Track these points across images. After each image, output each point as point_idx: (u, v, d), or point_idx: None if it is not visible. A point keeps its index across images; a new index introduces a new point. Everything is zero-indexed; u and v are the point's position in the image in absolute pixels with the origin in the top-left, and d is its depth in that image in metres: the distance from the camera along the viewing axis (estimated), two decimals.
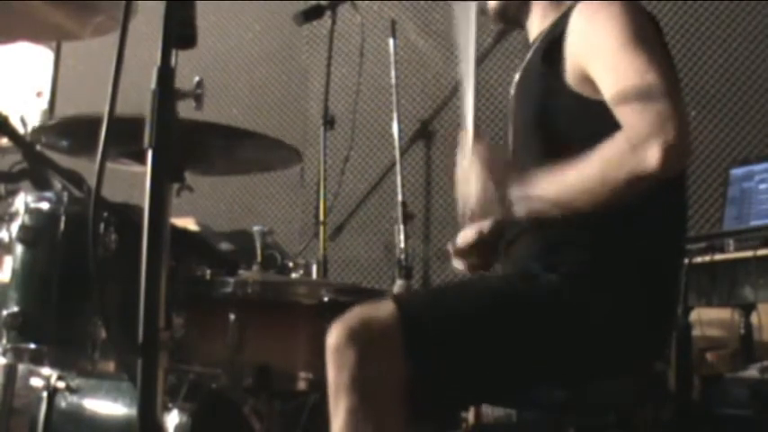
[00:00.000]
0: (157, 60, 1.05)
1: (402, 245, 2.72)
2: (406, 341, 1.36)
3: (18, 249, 1.80)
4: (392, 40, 3.01)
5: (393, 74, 2.99)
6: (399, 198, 2.85)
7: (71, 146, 1.87)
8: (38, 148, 1.86)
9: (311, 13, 2.91)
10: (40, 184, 1.93)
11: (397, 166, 2.90)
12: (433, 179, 3.61)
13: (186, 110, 1.15)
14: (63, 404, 1.96)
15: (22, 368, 2.05)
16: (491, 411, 2.55)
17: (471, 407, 2.49)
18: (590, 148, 1.36)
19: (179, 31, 1.08)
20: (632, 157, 1.29)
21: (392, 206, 3.01)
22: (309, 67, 4.03)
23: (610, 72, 1.40)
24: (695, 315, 2.47)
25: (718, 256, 2.37)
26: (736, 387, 2.26)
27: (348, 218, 3.25)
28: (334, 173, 3.06)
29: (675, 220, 1.57)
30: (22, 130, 1.98)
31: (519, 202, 1.40)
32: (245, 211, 4.11)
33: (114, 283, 1.70)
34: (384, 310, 1.39)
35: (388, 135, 3.04)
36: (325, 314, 1.78)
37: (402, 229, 2.78)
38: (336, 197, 3.06)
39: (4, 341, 1.75)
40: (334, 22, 2.96)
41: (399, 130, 2.94)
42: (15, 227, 1.79)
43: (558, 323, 1.44)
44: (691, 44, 3.18)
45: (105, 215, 1.72)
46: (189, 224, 3.03)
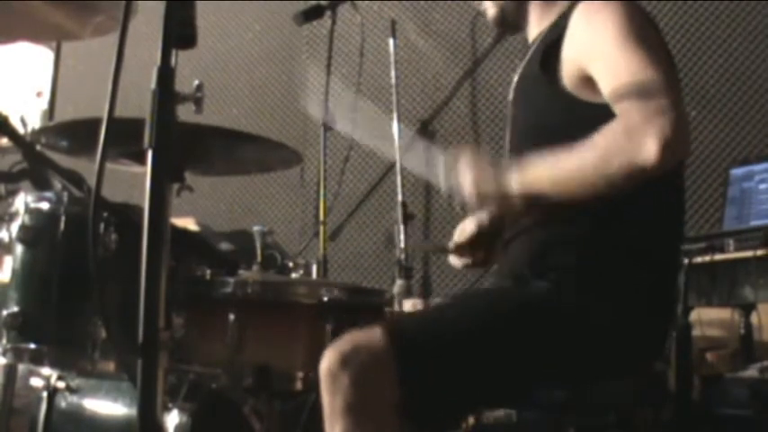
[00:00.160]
0: (157, 60, 1.05)
1: (402, 245, 2.72)
2: (399, 363, 1.35)
3: (18, 249, 1.80)
4: (392, 40, 3.02)
5: (393, 74, 2.99)
6: (399, 198, 2.85)
7: (71, 146, 1.87)
8: (38, 148, 1.86)
9: (311, 13, 2.91)
10: (40, 184, 1.93)
11: (397, 166, 2.90)
12: (432, 179, 3.60)
13: (186, 112, 1.15)
14: (63, 404, 1.95)
15: (22, 368, 2.04)
16: (491, 411, 2.55)
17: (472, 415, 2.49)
18: None
19: (179, 31, 1.08)
20: (628, 145, 1.28)
21: (392, 206, 3.01)
22: (309, 67, 4.03)
23: (609, 70, 1.40)
24: (695, 315, 2.47)
25: (718, 256, 2.37)
26: (736, 387, 2.26)
27: (348, 218, 3.26)
28: (334, 173, 3.06)
29: (673, 220, 1.57)
30: (22, 130, 1.98)
31: (514, 187, 1.38)
32: (245, 211, 4.11)
33: (114, 283, 1.70)
34: (375, 334, 1.38)
35: (388, 135, 3.04)
36: (325, 314, 1.78)
37: (402, 229, 2.78)
38: (336, 197, 3.07)
39: (4, 341, 1.75)
40: (334, 22, 2.96)
41: (399, 130, 2.94)
42: (15, 227, 1.79)
43: (555, 330, 1.44)
44: (691, 44, 3.17)
45: (105, 215, 1.72)
46: (189, 224, 3.03)
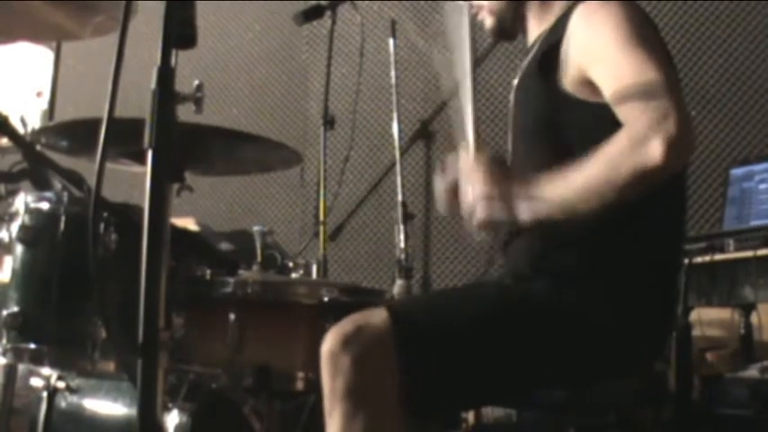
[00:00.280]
0: (157, 60, 1.05)
1: (402, 245, 2.72)
2: (400, 347, 1.36)
3: (18, 249, 1.80)
4: (392, 40, 3.01)
5: (393, 74, 2.99)
6: (399, 198, 2.85)
7: (71, 146, 1.87)
8: (38, 148, 1.86)
9: (311, 13, 2.91)
10: (40, 184, 1.93)
11: (397, 166, 2.90)
12: (432, 179, 3.60)
13: (186, 112, 1.15)
14: (63, 404, 1.95)
15: (22, 368, 2.04)
16: (491, 411, 2.55)
17: (471, 409, 2.49)
18: (590, 151, 1.35)
19: (179, 31, 1.08)
20: (635, 153, 1.28)
21: (392, 206, 3.01)
22: (309, 67, 4.03)
23: (610, 72, 1.40)
24: (695, 315, 2.47)
25: (718, 256, 2.37)
26: (736, 387, 2.26)
27: (348, 218, 3.25)
28: (334, 173, 3.06)
29: (675, 220, 1.57)
30: (22, 130, 1.98)
31: (524, 207, 1.37)
32: (245, 211, 4.11)
33: (114, 283, 1.70)
34: (378, 316, 1.39)
35: (388, 135, 3.04)
36: (325, 314, 1.78)
37: (402, 229, 2.78)
38: (336, 197, 3.06)
39: (4, 341, 1.75)
40: (334, 22, 2.96)
41: (399, 130, 2.94)
42: (15, 227, 1.79)
43: (556, 329, 1.44)
44: (691, 44, 3.17)
45: (105, 215, 1.72)
46: (189, 224, 3.02)
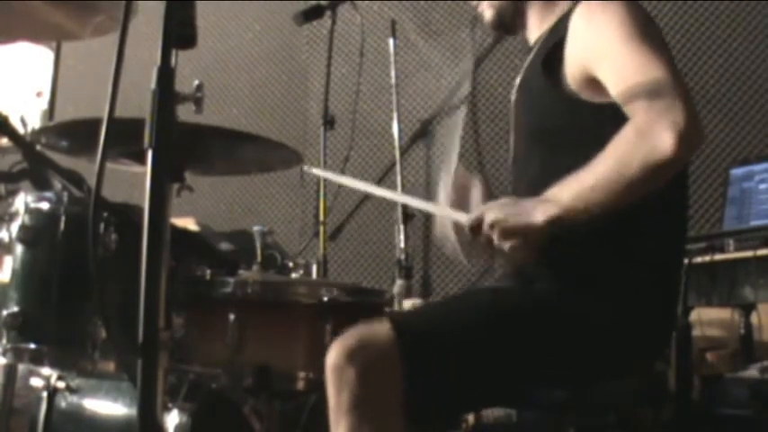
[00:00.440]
0: (157, 60, 1.05)
1: (402, 245, 2.72)
2: (405, 359, 1.35)
3: (18, 249, 1.80)
4: (392, 40, 3.02)
5: (393, 74, 2.99)
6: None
7: (71, 146, 1.87)
8: (38, 148, 1.86)
9: (311, 13, 2.91)
10: (40, 184, 1.93)
11: (397, 166, 2.91)
12: (433, 179, 3.60)
13: (186, 112, 1.15)
14: (63, 404, 1.95)
15: (22, 368, 2.04)
16: (491, 411, 2.55)
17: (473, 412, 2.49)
18: (593, 151, 1.35)
19: (179, 31, 1.08)
20: (644, 145, 1.29)
21: (392, 206, 3.01)
22: (309, 67, 4.03)
23: (615, 70, 1.40)
24: (695, 315, 2.47)
25: (718, 256, 2.37)
26: (736, 387, 2.25)
27: (348, 218, 3.26)
28: (335, 173, 3.06)
29: (676, 219, 1.56)
30: (22, 130, 1.98)
31: (537, 211, 1.35)
32: (245, 211, 4.11)
33: (114, 283, 1.70)
34: (381, 329, 1.38)
35: (388, 135, 3.04)
36: (325, 314, 1.78)
37: (402, 229, 2.78)
38: (336, 197, 3.06)
39: (4, 341, 1.75)
40: (334, 22, 2.96)
41: (399, 130, 2.94)
42: (15, 227, 1.79)
43: (556, 330, 1.44)
44: (691, 44, 3.17)
45: (105, 215, 1.72)
46: (189, 224, 3.03)
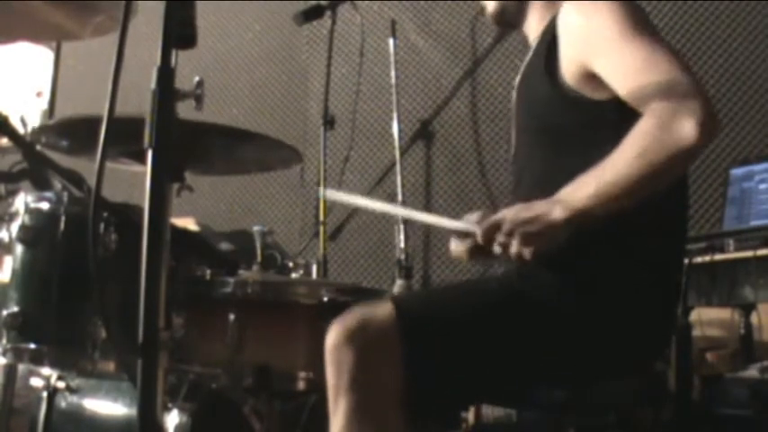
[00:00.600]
0: (157, 60, 1.05)
1: (402, 245, 2.72)
2: (405, 341, 1.36)
3: (18, 249, 1.80)
4: (392, 40, 3.02)
5: (393, 74, 2.99)
6: (399, 198, 2.85)
7: (71, 146, 1.88)
8: (38, 148, 1.86)
9: (311, 13, 2.91)
10: (40, 184, 1.93)
11: (397, 166, 2.90)
12: (433, 179, 3.61)
13: (186, 110, 1.15)
14: (63, 404, 1.95)
15: (22, 368, 2.04)
16: (491, 411, 2.55)
17: (471, 406, 2.49)
18: (596, 148, 1.35)
19: (179, 31, 1.08)
20: (668, 137, 1.29)
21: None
22: (309, 67, 4.03)
23: (619, 66, 1.40)
24: (695, 315, 2.47)
25: (718, 256, 2.37)
26: (736, 387, 2.25)
27: (348, 218, 3.26)
28: (335, 173, 3.06)
29: (676, 219, 1.56)
30: (22, 130, 1.98)
31: (556, 209, 1.34)
32: (245, 211, 4.11)
33: (114, 283, 1.71)
34: (382, 310, 1.39)
35: (388, 135, 3.04)
36: (325, 314, 1.78)
37: (402, 229, 2.78)
38: None
39: (4, 341, 1.75)
40: (334, 22, 2.96)
41: (399, 130, 2.94)
42: (15, 227, 1.79)
43: (555, 324, 1.44)
44: (691, 44, 3.17)
45: (105, 215, 1.72)
46: (189, 224, 3.03)
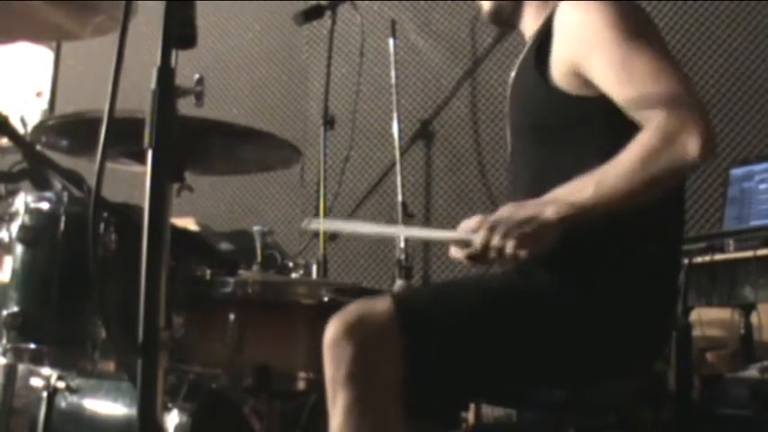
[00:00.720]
0: (157, 60, 1.05)
1: (402, 245, 2.72)
2: (404, 336, 1.36)
3: (18, 249, 1.80)
4: (392, 40, 3.02)
5: (393, 74, 2.99)
6: (399, 198, 2.86)
7: (71, 146, 1.88)
8: (38, 147, 1.86)
9: (311, 13, 2.91)
10: (40, 184, 1.93)
11: (397, 166, 2.91)
12: (433, 179, 3.61)
13: (186, 109, 1.15)
14: (63, 404, 1.95)
15: (22, 368, 2.04)
16: (491, 411, 2.55)
17: (470, 405, 2.49)
18: (583, 144, 1.35)
19: (179, 31, 1.08)
20: (673, 151, 1.30)
21: (392, 206, 3.01)
22: (309, 67, 4.03)
23: (616, 70, 1.39)
24: (695, 315, 2.47)
25: (718, 256, 2.37)
26: (736, 387, 2.25)
27: (348, 218, 3.26)
28: (334, 173, 3.06)
29: (674, 219, 1.57)
30: (22, 130, 1.98)
31: (549, 208, 1.34)
32: (245, 211, 4.11)
33: (114, 283, 1.71)
34: (381, 305, 1.39)
35: (388, 135, 3.04)
36: (325, 314, 1.77)
37: None
38: (336, 197, 3.07)
39: (4, 341, 1.75)
40: (334, 22, 2.96)
41: (399, 130, 2.95)
42: (15, 227, 1.79)
43: (557, 322, 1.44)
44: (691, 44, 3.17)
45: (105, 215, 1.72)
46: (189, 224, 3.03)
